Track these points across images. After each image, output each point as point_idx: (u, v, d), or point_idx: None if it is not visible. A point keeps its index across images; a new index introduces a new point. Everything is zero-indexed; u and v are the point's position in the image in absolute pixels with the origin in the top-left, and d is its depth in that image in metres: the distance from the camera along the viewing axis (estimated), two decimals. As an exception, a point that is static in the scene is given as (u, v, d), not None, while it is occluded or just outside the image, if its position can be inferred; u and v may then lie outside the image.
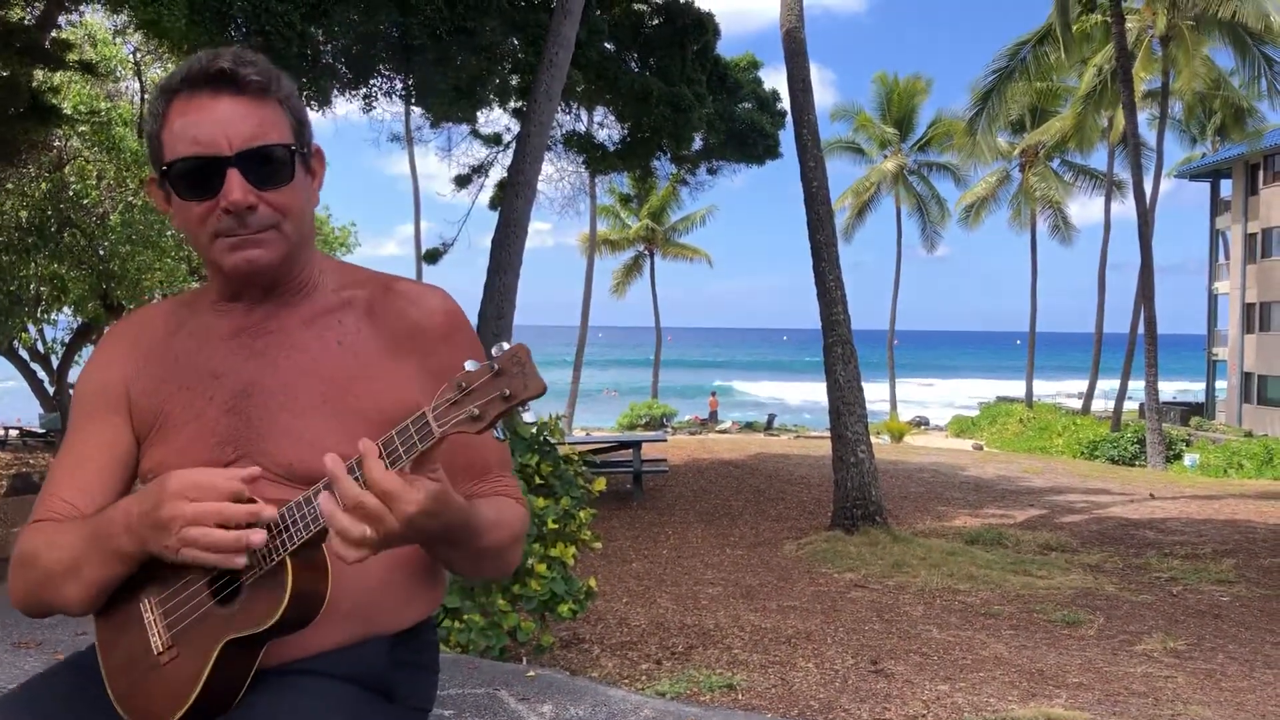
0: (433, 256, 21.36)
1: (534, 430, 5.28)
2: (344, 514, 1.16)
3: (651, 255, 42.32)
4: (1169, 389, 41.33)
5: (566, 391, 33.37)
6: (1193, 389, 49.44)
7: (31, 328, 17.86)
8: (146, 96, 16.03)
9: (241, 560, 1.21)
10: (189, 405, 1.42)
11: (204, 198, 1.34)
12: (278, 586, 1.22)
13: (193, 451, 1.39)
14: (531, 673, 2.74)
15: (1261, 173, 34.95)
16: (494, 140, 19.16)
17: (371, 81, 14.23)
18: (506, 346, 1.16)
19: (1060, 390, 54.66)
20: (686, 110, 14.60)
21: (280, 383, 1.41)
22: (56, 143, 14.39)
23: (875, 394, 23.97)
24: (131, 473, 1.46)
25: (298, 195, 1.40)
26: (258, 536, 1.20)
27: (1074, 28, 25.05)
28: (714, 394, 42.42)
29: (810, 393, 51.89)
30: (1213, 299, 39.76)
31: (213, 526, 1.20)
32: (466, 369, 1.16)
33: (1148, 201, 24.48)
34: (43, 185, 14.46)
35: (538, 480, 5.10)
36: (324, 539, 1.23)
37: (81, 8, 12.07)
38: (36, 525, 1.40)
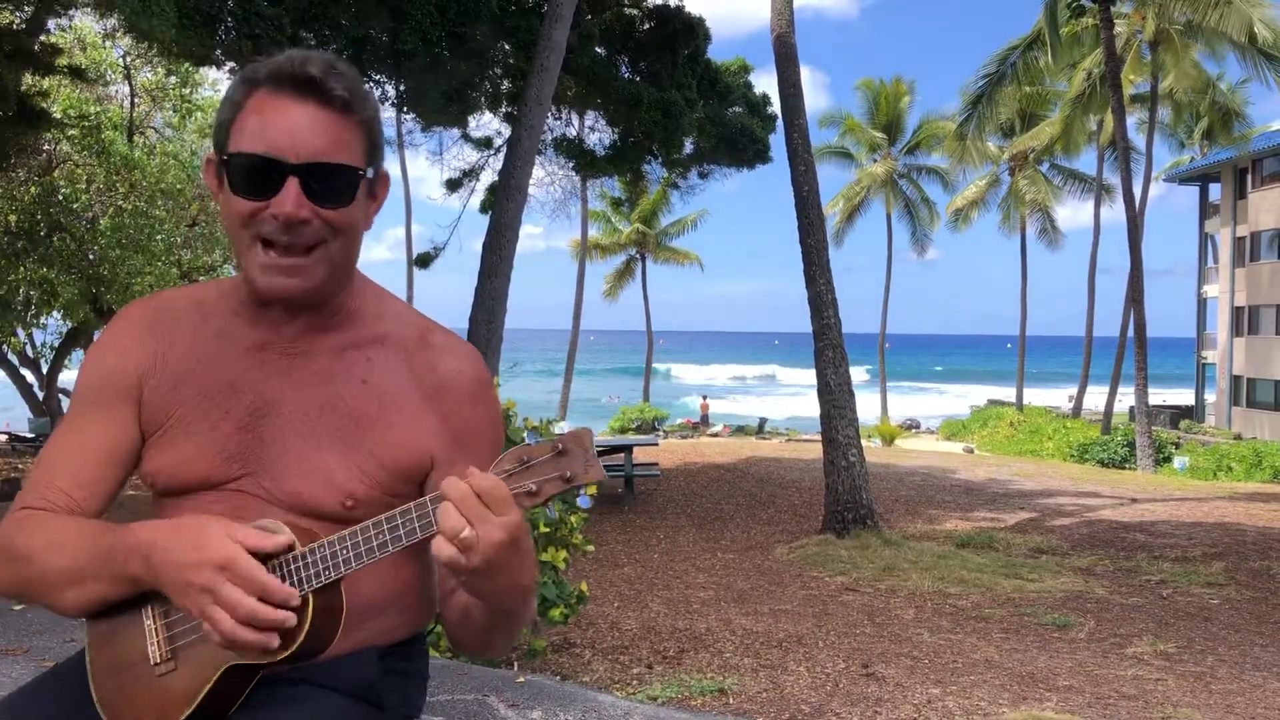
0: (424, 261, 21.34)
1: (524, 434, 5.27)
2: (453, 507, 1.15)
3: (643, 259, 42.36)
4: (1158, 392, 41.47)
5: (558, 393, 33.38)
6: (1182, 392, 49.63)
7: (21, 332, 17.79)
8: (137, 100, 16.03)
9: (251, 658, 1.20)
10: (204, 415, 1.38)
11: (257, 198, 1.29)
12: (295, 622, 1.21)
13: (199, 463, 1.37)
14: (521, 678, 2.74)
15: (1250, 177, 35.10)
16: (485, 144, 19.16)
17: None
18: (568, 428, 1.19)
19: (1050, 394, 54.83)
20: (677, 115, 14.63)
21: (300, 410, 1.38)
22: (46, 147, 14.35)
23: (866, 400, 24.03)
24: (130, 469, 1.42)
25: (354, 217, 1.35)
26: (274, 642, 1.17)
27: (1063, 31, 25.16)
28: (705, 398, 42.43)
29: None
30: (1202, 302, 39.90)
31: (239, 623, 1.16)
32: (527, 443, 1.18)
33: (1137, 205, 24.58)
34: (32, 189, 14.41)
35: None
36: (340, 588, 1.24)
37: (71, 11, 12.02)
38: (31, 516, 1.34)
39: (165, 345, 1.42)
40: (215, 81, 17.02)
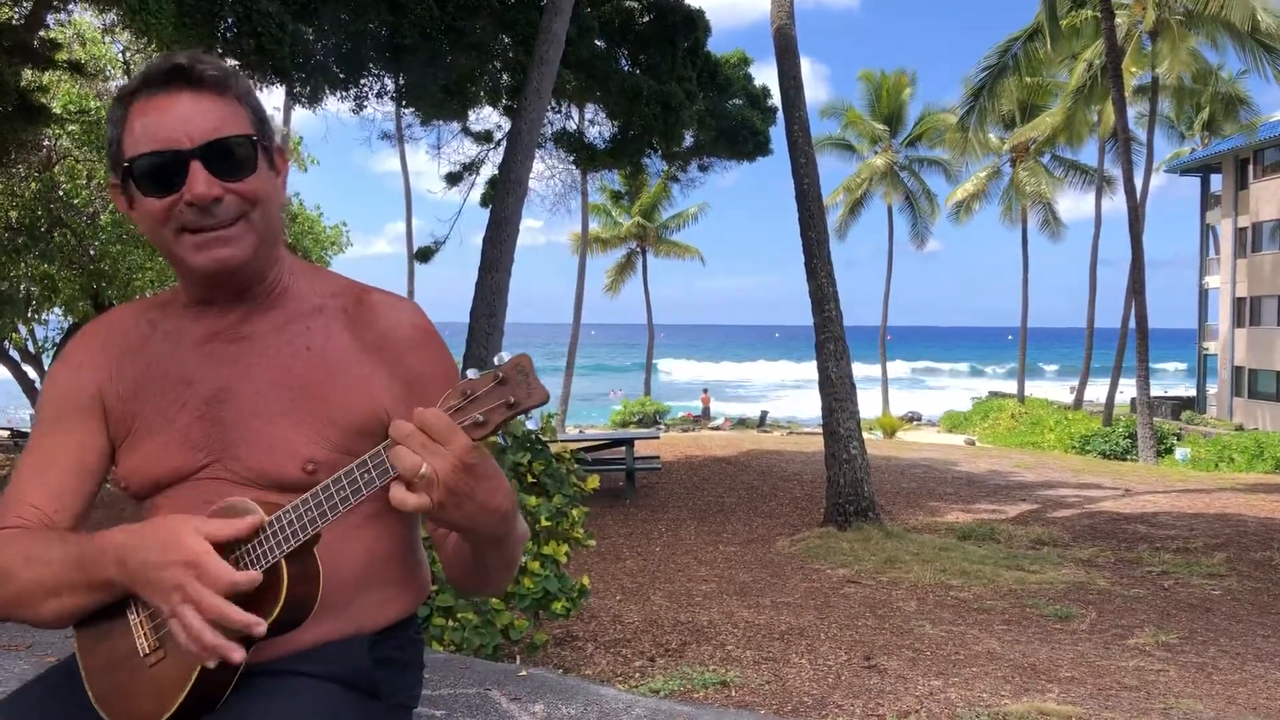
0: (424, 255, 21.36)
1: (525, 428, 5.27)
2: (404, 448, 1.17)
3: (644, 253, 42.35)
4: (1160, 384, 41.44)
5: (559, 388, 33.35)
6: (1184, 383, 49.61)
7: (22, 328, 17.81)
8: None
9: (212, 663, 1.20)
10: (162, 412, 1.41)
11: (166, 193, 1.33)
12: (271, 591, 1.22)
13: (165, 458, 1.40)
14: (523, 672, 2.74)
15: (1251, 167, 35.04)
16: (485, 138, 19.15)
17: (362, 81, 14.21)
18: (508, 356, 1.18)
19: (1050, 379, 54.81)
20: (677, 108, 14.61)
21: (252, 389, 1.40)
22: (46, 142, 14.34)
23: (867, 391, 24.06)
24: (101, 478, 1.45)
25: (264, 185, 1.38)
26: (238, 655, 1.18)
27: (1063, 23, 25.11)
28: (706, 391, 42.46)
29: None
30: (1203, 293, 39.87)
31: (206, 623, 1.18)
32: (469, 377, 1.18)
33: (1138, 196, 24.56)
34: (32, 185, 14.41)
35: (530, 478, 5.10)
36: (316, 543, 1.24)
37: (70, 6, 12.02)
38: (6, 535, 1.37)
39: (118, 356, 1.47)
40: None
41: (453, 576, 1.46)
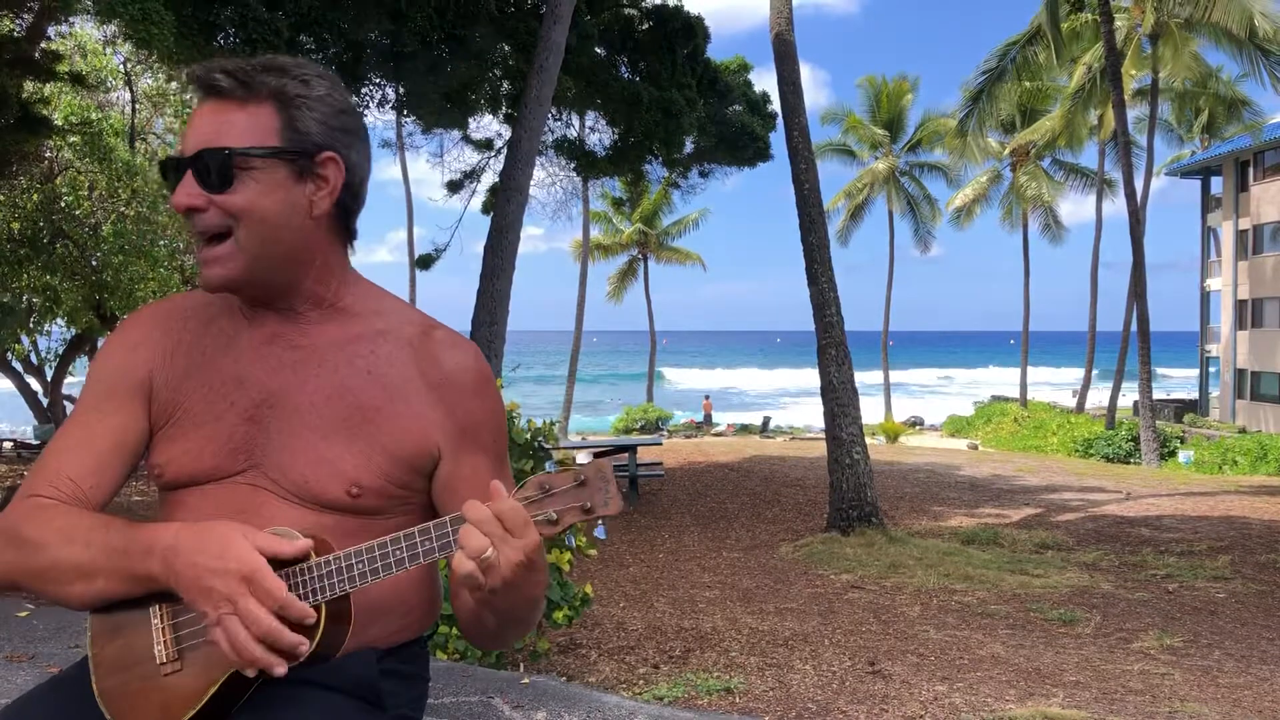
0: (425, 262, 21.36)
1: (528, 435, 5.27)
2: (473, 528, 1.19)
3: (645, 259, 42.37)
4: (1162, 387, 41.42)
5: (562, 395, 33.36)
6: (1187, 386, 49.56)
7: (25, 339, 17.82)
8: (138, 106, 16.05)
9: (252, 673, 1.21)
10: (209, 407, 1.40)
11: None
12: (304, 632, 1.22)
13: (206, 454, 1.39)
14: (526, 679, 2.74)
15: (1252, 169, 35.02)
16: (485, 146, 19.17)
17: (363, 89, 14.24)
18: (590, 459, 1.22)
19: (1053, 381, 54.75)
20: (677, 115, 14.63)
21: (307, 400, 1.40)
22: (48, 154, 14.36)
23: (869, 397, 24.04)
24: (136, 460, 1.44)
25: (251, 200, 1.33)
26: (281, 669, 1.19)
27: (1063, 26, 25.12)
28: (708, 398, 42.44)
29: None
30: (1205, 296, 39.83)
31: (254, 638, 1.18)
32: (548, 470, 1.21)
33: (1139, 199, 24.55)
34: (34, 197, 14.42)
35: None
36: (349, 597, 1.26)
37: (71, 18, 12.04)
38: (42, 505, 1.35)
39: (174, 341, 1.46)
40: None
41: (467, 632, 1.47)
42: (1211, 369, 39.13)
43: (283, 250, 1.38)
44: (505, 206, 11.17)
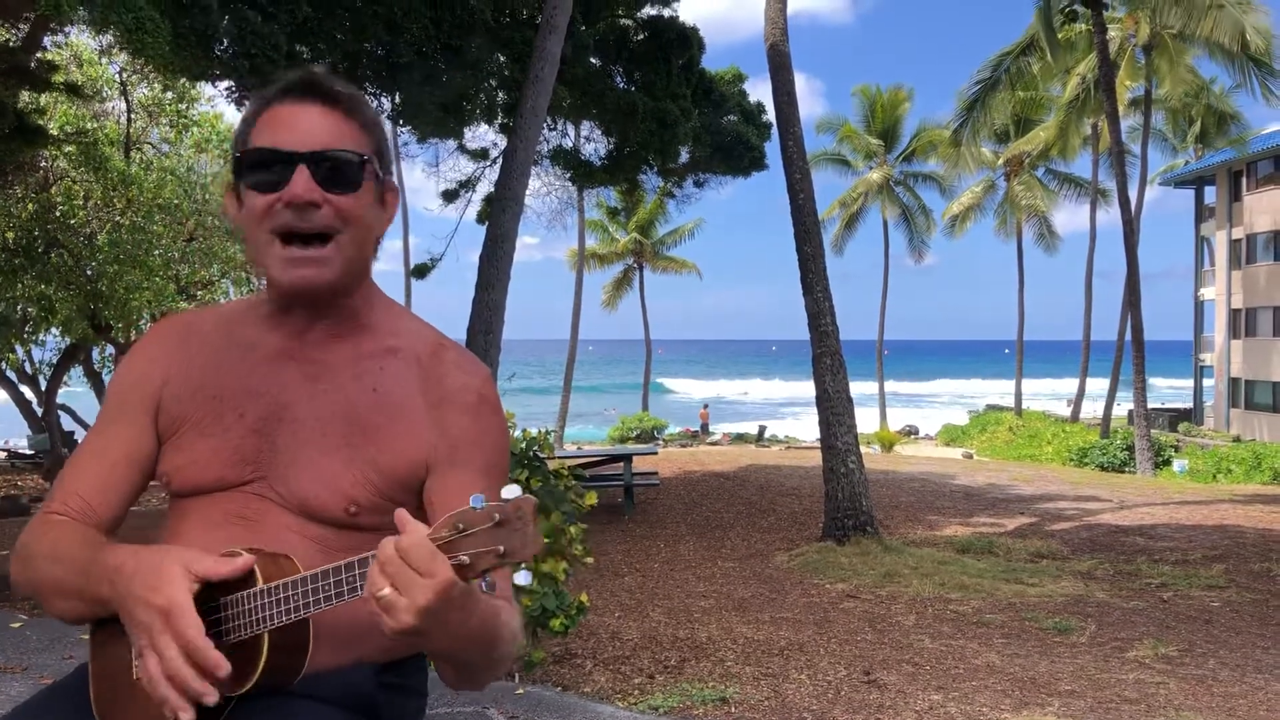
0: (421, 272, 21.32)
1: (523, 445, 5.28)
2: (376, 568, 1.13)
3: (640, 268, 42.41)
4: (1157, 395, 41.48)
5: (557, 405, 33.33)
6: (1181, 395, 49.63)
7: (19, 349, 17.78)
8: (133, 115, 16.05)
9: (168, 713, 1.20)
10: (218, 417, 1.42)
11: (270, 190, 1.35)
12: (250, 659, 1.23)
13: (212, 465, 1.40)
14: (521, 690, 2.74)
15: (1244, 179, 35.17)
16: (481, 155, 19.16)
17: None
18: (513, 495, 1.10)
19: (1047, 390, 54.82)
20: (672, 124, 14.65)
21: (313, 415, 1.41)
22: (43, 163, 14.35)
23: (864, 407, 24.05)
24: (149, 474, 1.46)
25: (363, 207, 1.40)
26: (186, 716, 1.18)
27: (1058, 36, 25.23)
28: (705, 407, 42.43)
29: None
30: (1199, 305, 39.95)
31: (163, 675, 1.18)
32: (470, 506, 1.11)
33: (1133, 209, 24.61)
34: (29, 206, 14.41)
35: (527, 495, 5.07)
36: (307, 624, 1.25)
37: (67, 28, 12.05)
38: (48, 521, 1.40)
39: (190, 355, 1.48)
40: (212, 97, 17.10)
41: (441, 675, 1.41)
42: (1206, 378, 39.22)
43: (363, 263, 1.44)
44: (501, 216, 11.18)
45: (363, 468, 1.39)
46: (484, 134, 18.54)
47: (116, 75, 15.67)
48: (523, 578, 1.11)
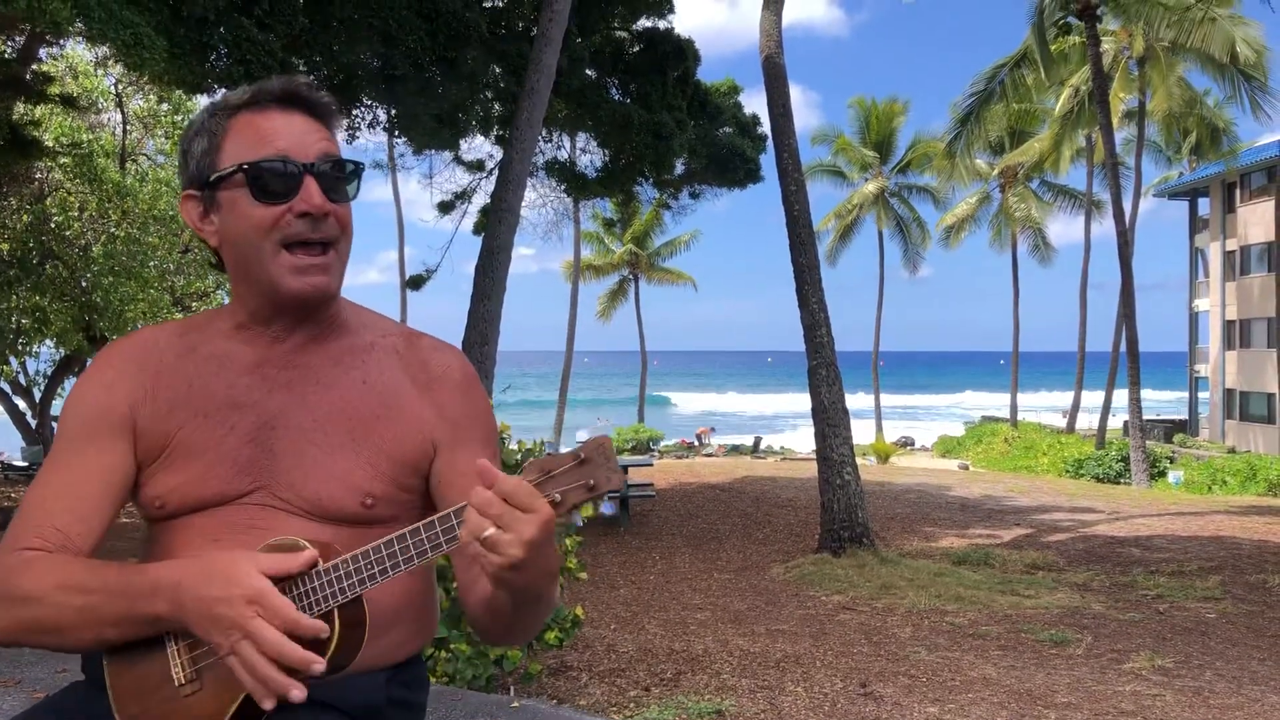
0: (416, 283, 21.34)
1: (519, 457, 5.27)
2: (475, 511, 1.17)
3: (636, 279, 42.42)
4: (1152, 407, 41.53)
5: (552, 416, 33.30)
6: (1176, 406, 49.72)
7: (13, 360, 17.75)
8: (129, 127, 16.06)
9: (270, 704, 1.19)
10: (207, 434, 1.40)
11: (279, 201, 1.35)
12: (319, 645, 1.21)
13: (211, 480, 1.38)
14: (516, 703, 2.73)
15: (1238, 191, 35.30)
16: (477, 167, 19.21)
17: (354, 111, 14.26)
18: (588, 435, 1.20)
19: (1043, 404, 54.88)
20: (668, 136, 14.69)
21: (310, 418, 1.41)
22: (38, 175, 14.36)
23: (860, 418, 24.04)
24: (124, 500, 1.42)
25: (350, 216, 1.44)
26: (299, 693, 1.18)
27: (1051, 48, 25.32)
28: (712, 430, 42.25)
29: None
30: (1193, 316, 40.04)
31: (264, 659, 1.17)
32: (548, 454, 1.20)
33: (1127, 220, 24.69)
34: (24, 217, 14.41)
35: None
36: (362, 600, 1.25)
37: (62, 40, 12.07)
38: (35, 557, 1.33)
39: (153, 376, 1.44)
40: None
41: (481, 625, 1.43)
42: (1201, 390, 39.28)
43: (344, 268, 1.46)
44: (496, 227, 11.19)
45: (372, 458, 1.40)
46: (480, 145, 18.64)
47: (112, 87, 15.69)
48: (608, 508, 1.20)
